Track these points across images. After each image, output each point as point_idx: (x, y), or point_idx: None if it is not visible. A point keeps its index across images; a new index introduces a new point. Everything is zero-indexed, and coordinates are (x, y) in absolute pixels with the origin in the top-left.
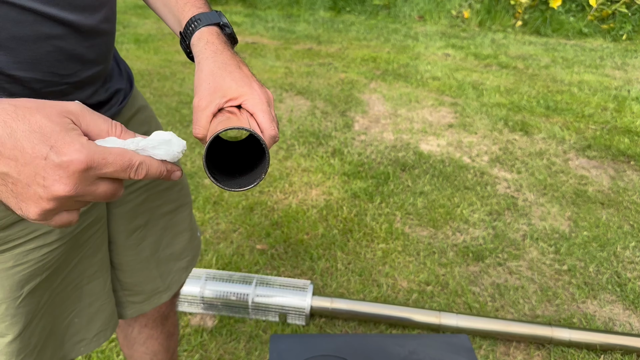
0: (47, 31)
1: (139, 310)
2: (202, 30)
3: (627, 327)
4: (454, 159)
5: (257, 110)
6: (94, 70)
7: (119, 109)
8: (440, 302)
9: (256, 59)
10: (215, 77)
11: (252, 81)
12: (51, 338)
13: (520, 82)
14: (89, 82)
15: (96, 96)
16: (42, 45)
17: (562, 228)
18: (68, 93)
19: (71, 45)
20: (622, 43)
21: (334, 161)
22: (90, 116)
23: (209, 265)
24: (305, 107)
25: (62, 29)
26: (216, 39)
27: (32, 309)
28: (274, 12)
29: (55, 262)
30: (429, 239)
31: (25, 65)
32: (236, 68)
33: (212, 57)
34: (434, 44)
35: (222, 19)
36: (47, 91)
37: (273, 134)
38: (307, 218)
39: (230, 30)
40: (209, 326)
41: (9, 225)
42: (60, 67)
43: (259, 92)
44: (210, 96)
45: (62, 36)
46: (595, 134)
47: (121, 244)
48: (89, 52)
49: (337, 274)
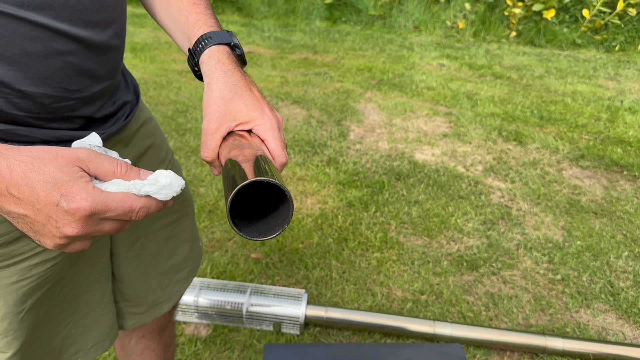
0: (58, 47)
1: (140, 321)
2: (213, 48)
3: (620, 336)
4: (449, 169)
5: (268, 136)
6: (103, 85)
7: (125, 123)
8: (435, 312)
9: (252, 68)
10: (226, 100)
11: (264, 105)
12: (49, 349)
13: (514, 92)
14: (98, 97)
15: (103, 110)
16: (53, 61)
17: (556, 237)
18: (77, 108)
19: (82, 61)
20: (614, 54)
21: (329, 170)
22: (96, 160)
23: (204, 274)
24: (301, 116)
25: (74, 45)
26: (227, 59)
27: (32, 322)
28: (270, 21)
29: (56, 275)
30: (424, 248)
31: (35, 81)
32: (247, 91)
33: (222, 77)
34: (428, 54)
35: (233, 40)
36: (57, 106)
37: (284, 161)
38: (302, 227)
39: (241, 52)
40: (203, 335)
41: (14, 241)
42: (70, 82)
43: (270, 117)
44: (220, 119)
45: (73, 52)
46: (589, 144)
47: (122, 255)
48: (99, 68)
49: (332, 283)
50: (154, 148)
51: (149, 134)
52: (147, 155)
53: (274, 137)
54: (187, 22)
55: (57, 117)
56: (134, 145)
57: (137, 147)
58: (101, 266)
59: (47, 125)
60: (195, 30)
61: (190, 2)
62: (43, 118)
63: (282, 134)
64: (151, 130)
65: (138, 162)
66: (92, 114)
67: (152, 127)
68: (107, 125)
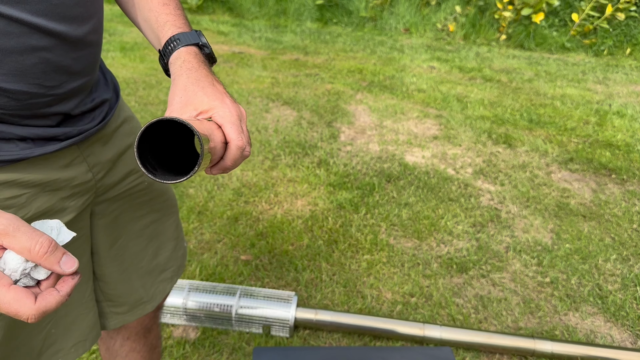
0: (34, 43)
1: (122, 320)
2: (181, 50)
3: (609, 339)
4: (439, 171)
5: (225, 121)
6: (80, 81)
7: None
8: (424, 314)
9: (243, 69)
10: (188, 92)
11: (225, 96)
12: (27, 349)
13: (504, 95)
14: (75, 94)
15: (81, 107)
16: (28, 57)
17: (545, 240)
18: (53, 104)
19: (58, 57)
20: (603, 58)
21: (319, 172)
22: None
23: (193, 276)
24: (292, 117)
25: (50, 41)
26: (193, 58)
27: (8, 321)
28: (261, 22)
29: None
30: (414, 250)
31: (10, 77)
32: (209, 84)
33: (186, 73)
34: (419, 56)
35: (201, 39)
36: (32, 102)
37: (239, 144)
38: (292, 229)
39: (209, 50)
40: (191, 338)
41: None
42: (46, 78)
43: (229, 106)
44: (181, 109)
45: (49, 48)
46: (578, 148)
47: (103, 255)
48: (76, 64)
49: (322, 285)
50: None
51: (130, 132)
52: (127, 154)
53: (230, 122)
54: (156, 22)
55: (33, 114)
56: (113, 143)
57: (116, 146)
58: (81, 265)
59: (23, 122)
60: (165, 31)
61: (160, 3)
62: (19, 115)
63: (243, 124)
64: (132, 129)
65: (118, 160)
66: (69, 110)
67: (132, 126)
68: (84, 122)
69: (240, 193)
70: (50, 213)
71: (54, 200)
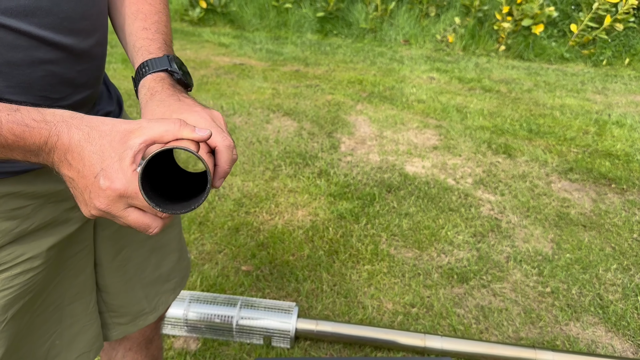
0: (41, 56)
1: (125, 331)
2: (147, 77)
3: (610, 349)
4: (439, 181)
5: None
6: (85, 93)
7: None
8: (425, 324)
9: (244, 80)
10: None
11: (193, 106)
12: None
13: (504, 106)
14: (80, 106)
15: None
16: (35, 70)
17: (545, 250)
18: None
19: (64, 70)
20: (602, 68)
21: (320, 182)
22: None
23: (193, 287)
24: (292, 128)
25: (56, 53)
26: (157, 84)
27: (14, 332)
28: (262, 34)
29: (38, 286)
30: (414, 261)
31: (17, 90)
32: (175, 101)
33: (150, 100)
34: (419, 67)
35: (171, 65)
36: None
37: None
38: (293, 239)
39: (179, 76)
40: (192, 349)
41: None
42: (52, 91)
43: (200, 113)
44: None
45: (55, 60)
46: (577, 157)
47: (107, 266)
48: (81, 76)
49: (323, 296)
50: None
51: None
52: None
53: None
54: (133, 48)
55: None
56: None
57: None
58: (85, 277)
59: None
60: (137, 58)
61: (140, 27)
62: None
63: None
64: None
65: None
66: None
67: None
68: None
69: (241, 203)
70: (55, 224)
71: (59, 211)
